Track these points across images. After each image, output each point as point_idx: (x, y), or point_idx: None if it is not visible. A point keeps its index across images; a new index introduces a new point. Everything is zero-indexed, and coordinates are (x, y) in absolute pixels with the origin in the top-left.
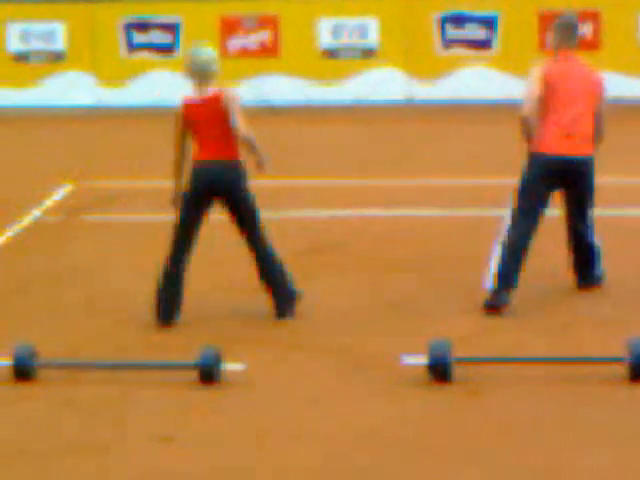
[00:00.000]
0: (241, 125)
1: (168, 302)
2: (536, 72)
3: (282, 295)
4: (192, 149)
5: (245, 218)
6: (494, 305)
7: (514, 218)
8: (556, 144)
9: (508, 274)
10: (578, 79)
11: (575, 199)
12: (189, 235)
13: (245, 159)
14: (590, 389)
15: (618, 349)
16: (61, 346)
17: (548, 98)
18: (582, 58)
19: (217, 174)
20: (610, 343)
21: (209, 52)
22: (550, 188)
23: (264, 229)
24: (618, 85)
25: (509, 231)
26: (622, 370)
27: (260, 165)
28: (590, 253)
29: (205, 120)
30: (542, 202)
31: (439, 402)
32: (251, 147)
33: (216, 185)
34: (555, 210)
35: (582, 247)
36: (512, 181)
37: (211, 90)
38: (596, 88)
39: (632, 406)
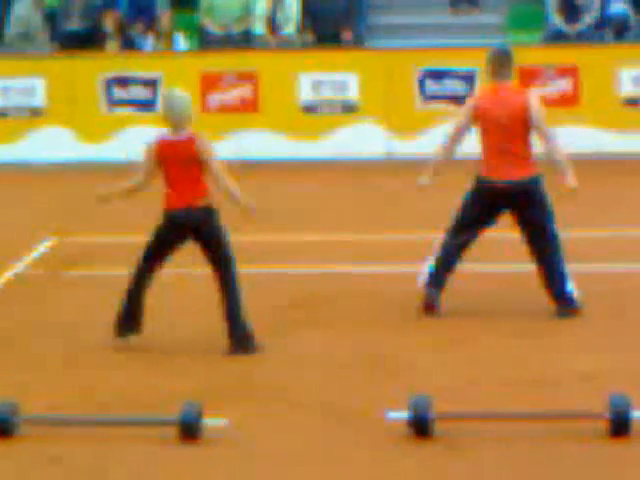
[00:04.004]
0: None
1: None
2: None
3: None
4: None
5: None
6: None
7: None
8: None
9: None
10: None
11: None
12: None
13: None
14: (572, 445)
15: (599, 404)
16: (42, 402)
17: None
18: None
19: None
20: (592, 398)
21: (185, 97)
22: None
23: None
24: (597, 140)
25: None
26: (603, 426)
27: None
28: None
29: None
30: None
31: (420, 458)
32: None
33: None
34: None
35: None
36: (491, 234)
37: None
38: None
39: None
